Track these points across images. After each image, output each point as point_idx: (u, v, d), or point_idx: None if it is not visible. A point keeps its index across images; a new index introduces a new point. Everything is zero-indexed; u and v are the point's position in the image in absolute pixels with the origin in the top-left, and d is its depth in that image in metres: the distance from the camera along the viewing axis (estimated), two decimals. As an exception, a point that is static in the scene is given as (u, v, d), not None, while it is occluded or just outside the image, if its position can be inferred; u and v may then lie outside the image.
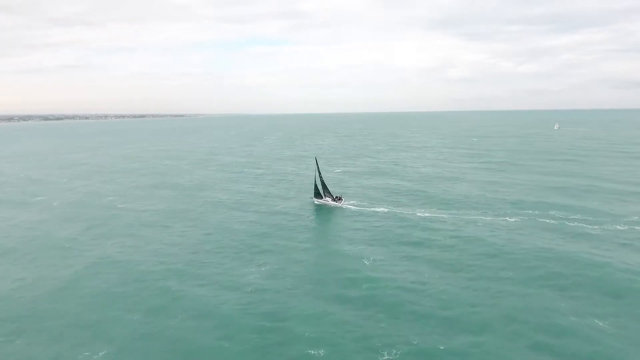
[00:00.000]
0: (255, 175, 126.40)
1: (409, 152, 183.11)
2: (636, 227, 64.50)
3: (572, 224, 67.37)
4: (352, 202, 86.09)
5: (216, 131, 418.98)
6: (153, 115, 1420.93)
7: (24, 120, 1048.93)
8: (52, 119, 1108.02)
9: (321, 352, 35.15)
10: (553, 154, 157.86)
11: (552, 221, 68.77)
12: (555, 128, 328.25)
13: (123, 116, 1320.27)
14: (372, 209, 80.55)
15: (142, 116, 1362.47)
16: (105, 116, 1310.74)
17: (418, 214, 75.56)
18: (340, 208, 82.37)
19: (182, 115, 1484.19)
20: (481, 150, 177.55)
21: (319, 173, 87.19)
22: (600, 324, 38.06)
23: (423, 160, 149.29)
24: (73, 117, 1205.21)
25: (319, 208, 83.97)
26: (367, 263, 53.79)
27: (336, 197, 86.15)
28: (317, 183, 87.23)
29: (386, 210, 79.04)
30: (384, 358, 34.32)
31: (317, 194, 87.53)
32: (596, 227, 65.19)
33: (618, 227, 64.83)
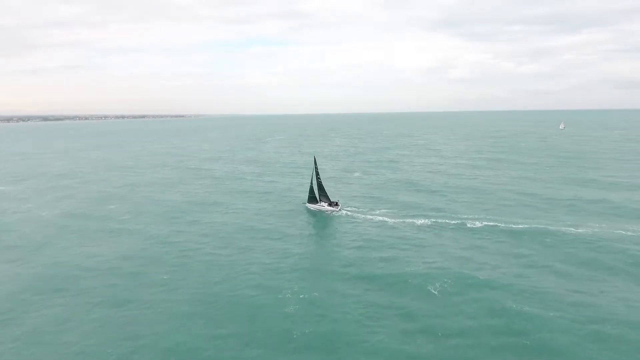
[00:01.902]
0: (253, 183, 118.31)
1: (430, 154, 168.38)
2: None
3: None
4: (382, 211, 75.18)
5: (217, 132, 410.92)
6: (153, 116, 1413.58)
7: (23, 120, 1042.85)
8: (51, 120, 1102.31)
9: None
10: (586, 159, 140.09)
11: None
12: (561, 128, 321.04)
13: (123, 117, 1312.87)
14: (410, 220, 68.78)
15: (143, 117, 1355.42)
16: (105, 117, 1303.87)
17: (467, 225, 64.11)
18: (355, 220, 70.51)
19: (183, 116, 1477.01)
20: (506, 153, 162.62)
21: (317, 174, 79.04)
22: None
23: (451, 166, 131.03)
24: (73, 118, 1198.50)
25: (318, 220, 73.45)
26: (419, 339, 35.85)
27: (333, 202, 78.20)
28: (313, 185, 79.23)
29: (426, 221, 67.19)
30: None
31: (312, 199, 79.38)
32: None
33: None
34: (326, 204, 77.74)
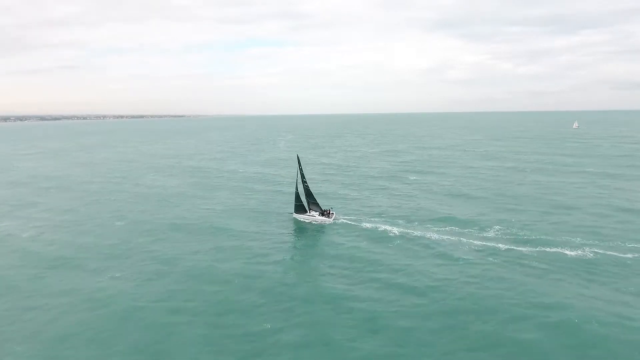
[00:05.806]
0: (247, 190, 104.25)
1: (464, 157, 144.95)
2: None
3: None
4: (385, 221, 62.49)
5: (216, 134, 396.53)
6: (152, 116, 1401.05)
7: (21, 120, 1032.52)
8: (49, 119, 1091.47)
9: None
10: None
11: None
12: (574, 127, 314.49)
13: (122, 117, 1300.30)
14: (420, 233, 55.96)
15: (141, 117, 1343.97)
16: (104, 116, 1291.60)
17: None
18: (355, 234, 56.56)
19: (182, 116, 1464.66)
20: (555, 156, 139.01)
21: (302, 177, 65.33)
22: None
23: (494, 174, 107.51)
24: (71, 118, 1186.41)
25: (306, 236, 58.72)
26: None
27: (325, 210, 64.45)
28: (298, 192, 65.65)
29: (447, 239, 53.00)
30: None
31: (300, 208, 65.54)
32: None
33: None
34: (317, 213, 64.23)
